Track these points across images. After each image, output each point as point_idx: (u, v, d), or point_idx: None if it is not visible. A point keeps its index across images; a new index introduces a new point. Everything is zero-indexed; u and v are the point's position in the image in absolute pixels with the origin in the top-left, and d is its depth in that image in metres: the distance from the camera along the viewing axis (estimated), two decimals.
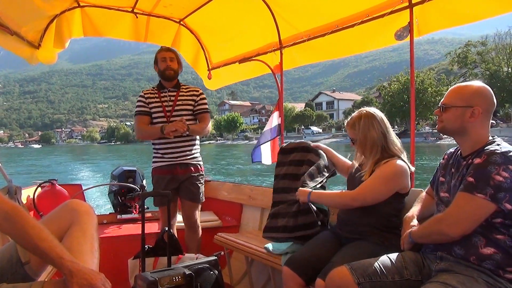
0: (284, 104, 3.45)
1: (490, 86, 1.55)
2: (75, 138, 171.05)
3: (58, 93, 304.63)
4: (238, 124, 76.07)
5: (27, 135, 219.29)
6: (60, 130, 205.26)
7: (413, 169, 1.98)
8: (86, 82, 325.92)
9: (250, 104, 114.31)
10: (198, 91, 2.92)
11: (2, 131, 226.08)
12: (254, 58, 3.45)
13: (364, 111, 1.99)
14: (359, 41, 2.71)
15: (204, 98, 2.91)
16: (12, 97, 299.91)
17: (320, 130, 62.50)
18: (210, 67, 3.89)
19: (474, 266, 1.40)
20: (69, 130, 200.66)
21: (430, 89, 42.51)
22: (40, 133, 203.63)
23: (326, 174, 2.28)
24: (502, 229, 1.38)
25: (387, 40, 2.50)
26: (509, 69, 38.68)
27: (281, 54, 3.25)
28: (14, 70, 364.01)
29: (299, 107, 77.38)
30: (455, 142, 1.62)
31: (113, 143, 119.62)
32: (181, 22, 3.59)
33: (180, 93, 2.85)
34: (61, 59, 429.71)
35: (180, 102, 2.83)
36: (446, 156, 1.70)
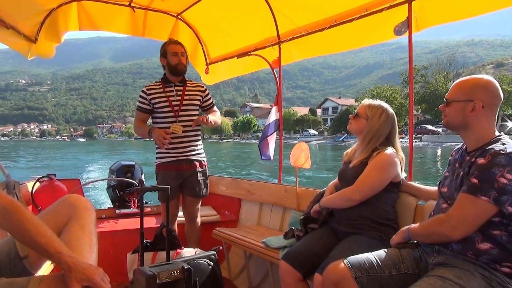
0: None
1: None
2: (115, 134, 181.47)
3: (100, 91, 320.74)
4: (252, 125, 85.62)
5: (72, 129, 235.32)
6: (101, 125, 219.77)
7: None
8: (126, 80, 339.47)
9: (270, 107, 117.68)
10: (203, 87, 2.93)
11: (50, 125, 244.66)
12: (252, 53, 3.43)
13: (389, 109, 2.06)
14: (358, 35, 2.70)
15: (209, 94, 2.94)
16: (59, 94, 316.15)
17: (317, 133, 71.38)
18: (208, 62, 3.88)
19: (471, 260, 1.41)
20: (110, 126, 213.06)
21: (395, 101, 50.63)
22: (83, 128, 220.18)
23: None
24: (500, 226, 1.37)
25: (385, 35, 2.50)
26: (445, 88, 47.87)
27: (280, 48, 3.24)
28: (61, 68, 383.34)
29: (303, 111, 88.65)
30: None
31: (147, 139, 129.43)
32: (179, 16, 3.57)
33: (187, 88, 2.82)
34: (104, 58, 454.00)
35: (187, 97, 2.80)
36: (453, 153, 1.68)
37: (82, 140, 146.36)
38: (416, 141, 42.26)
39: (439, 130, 46.38)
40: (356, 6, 2.55)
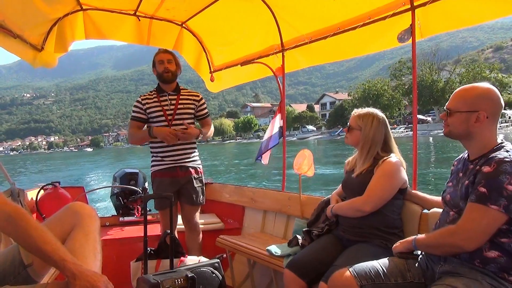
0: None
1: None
2: (121, 141, 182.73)
3: (104, 99, 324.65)
4: (253, 125, 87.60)
5: (79, 140, 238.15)
6: (107, 134, 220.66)
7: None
8: (129, 88, 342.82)
9: (270, 105, 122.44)
10: (198, 96, 2.91)
11: (57, 137, 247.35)
12: (256, 60, 3.45)
13: (379, 114, 2.04)
14: (361, 43, 2.71)
15: (204, 103, 2.92)
16: (64, 105, 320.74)
17: (315, 129, 73.70)
18: (212, 70, 3.90)
19: (479, 268, 1.39)
20: (115, 134, 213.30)
21: (386, 93, 53.49)
22: (90, 137, 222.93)
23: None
24: (508, 233, 1.36)
25: (389, 42, 2.50)
26: (430, 79, 50.38)
27: (283, 56, 3.25)
28: (64, 79, 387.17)
29: (302, 108, 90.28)
30: None
31: (146, 144, 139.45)
32: (183, 25, 3.60)
33: (181, 97, 2.82)
34: (106, 67, 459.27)
35: (181, 106, 2.80)
36: (455, 163, 1.67)
37: (89, 149, 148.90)
38: (407, 131, 43.53)
39: (429, 119, 48.33)
40: (360, 14, 2.56)
